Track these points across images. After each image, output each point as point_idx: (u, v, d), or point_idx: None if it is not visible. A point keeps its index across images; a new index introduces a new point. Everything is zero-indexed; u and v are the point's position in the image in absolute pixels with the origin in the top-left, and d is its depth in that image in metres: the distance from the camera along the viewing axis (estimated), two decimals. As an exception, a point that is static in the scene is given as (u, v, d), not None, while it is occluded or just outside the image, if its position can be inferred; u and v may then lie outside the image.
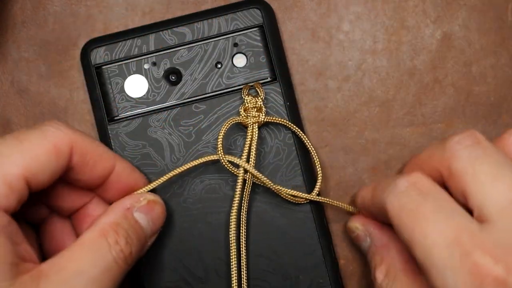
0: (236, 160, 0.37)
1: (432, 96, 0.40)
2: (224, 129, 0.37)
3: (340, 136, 0.40)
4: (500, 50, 0.40)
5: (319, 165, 0.38)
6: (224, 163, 0.37)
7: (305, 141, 0.38)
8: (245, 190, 0.38)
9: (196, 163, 0.37)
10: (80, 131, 0.33)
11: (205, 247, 0.38)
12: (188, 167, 0.37)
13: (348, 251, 0.40)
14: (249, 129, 0.38)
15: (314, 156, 0.38)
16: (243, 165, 0.37)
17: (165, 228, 0.38)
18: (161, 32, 0.39)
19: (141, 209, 0.35)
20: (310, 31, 0.40)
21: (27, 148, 0.31)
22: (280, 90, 0.39)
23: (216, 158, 0.37)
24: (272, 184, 0.37)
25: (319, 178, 0.38)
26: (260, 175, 0.37)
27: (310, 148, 0.38)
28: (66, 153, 0.32)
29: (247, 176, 0.37)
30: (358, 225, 0.37)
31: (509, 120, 0.40)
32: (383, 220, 0.35)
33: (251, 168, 0.37)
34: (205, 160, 0.37)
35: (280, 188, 0.37)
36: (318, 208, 0.39)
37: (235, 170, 0.37)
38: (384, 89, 0.40)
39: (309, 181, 0.38)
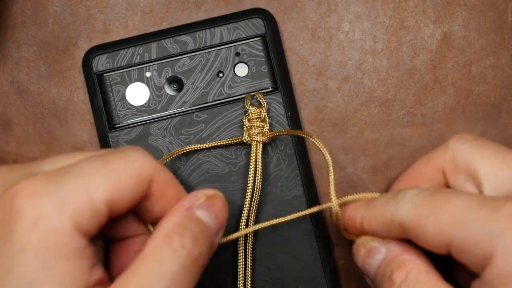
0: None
1: (432, 96, 0.40)
2: (226, 141, 0.38)
3: (340, 136, 0.40)
4: (500, 50, 0.40)
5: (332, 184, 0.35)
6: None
7: (320, 145, 0.36)
8: (253, 200, 0.38)
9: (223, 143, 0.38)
10: (159, 162, 0.32)
11: None
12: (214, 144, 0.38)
13: (348, 251, 0.40)
14: (253, 147, 0.38)
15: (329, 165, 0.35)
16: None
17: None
18: (163, 41, 0.39)
19: (202, 206, 0.32)
20: (310, 31, 0.40)
21: (113, 171, 0.29)
22: (282, 100, 0.39)
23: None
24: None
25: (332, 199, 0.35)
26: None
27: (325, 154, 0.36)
28: (148, 182, 0.31)
29: (256, 186, 0.37)
30: (369, 238, 0.33)
31: (509, 120, 0.40)
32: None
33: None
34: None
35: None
36: (318, 219, 0.39)
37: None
38: (384, 89, 0.40)
39: (309, 192, 0.38)
